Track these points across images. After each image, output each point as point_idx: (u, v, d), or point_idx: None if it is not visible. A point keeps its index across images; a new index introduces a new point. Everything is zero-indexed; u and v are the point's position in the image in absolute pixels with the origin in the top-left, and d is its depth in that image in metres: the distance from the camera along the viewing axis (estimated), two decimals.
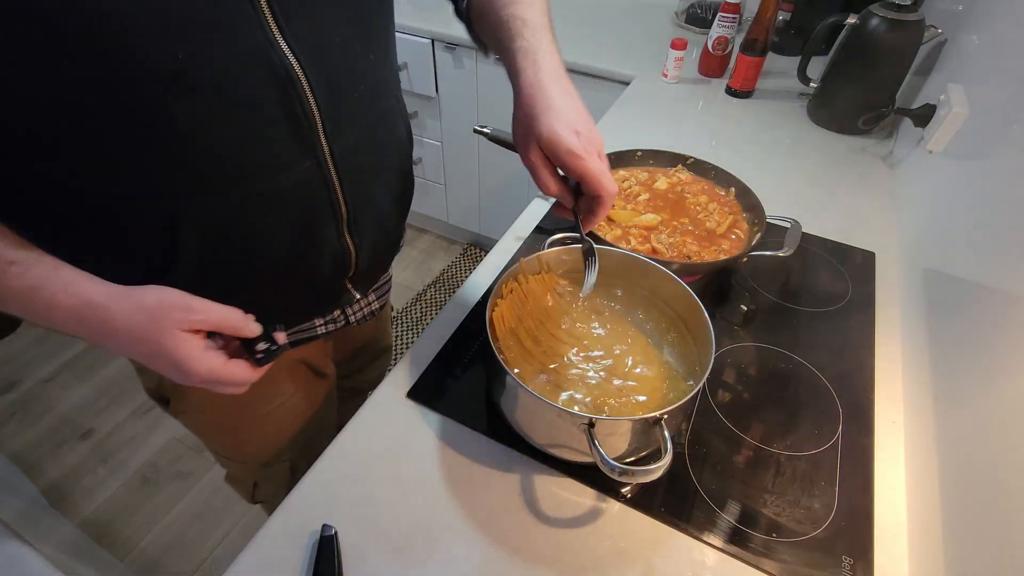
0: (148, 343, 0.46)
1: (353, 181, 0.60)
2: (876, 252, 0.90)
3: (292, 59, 0.49)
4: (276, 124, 0.51)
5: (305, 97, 0.51)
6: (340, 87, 0.55)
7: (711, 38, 1.34)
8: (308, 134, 0.53)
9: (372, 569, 0.53)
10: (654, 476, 0.48)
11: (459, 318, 0.76)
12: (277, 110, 0.50)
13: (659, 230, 0.83)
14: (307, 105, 0.52)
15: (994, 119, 0.76)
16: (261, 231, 0.55)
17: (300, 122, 0.52)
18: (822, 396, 0.70)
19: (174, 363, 0.47)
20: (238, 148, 0.50)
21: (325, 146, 0.55)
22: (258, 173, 0.52)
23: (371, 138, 0.61)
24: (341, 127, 0.56)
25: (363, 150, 0.60)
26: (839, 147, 1.16)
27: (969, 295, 0.65)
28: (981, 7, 0.96)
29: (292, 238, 0.58)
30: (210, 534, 1.48)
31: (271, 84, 0.49)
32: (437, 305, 2.07)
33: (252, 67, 0.47)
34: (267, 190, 0.53)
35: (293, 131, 0.52)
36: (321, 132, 0.54)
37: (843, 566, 0.54)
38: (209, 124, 0.47)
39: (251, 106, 0.49)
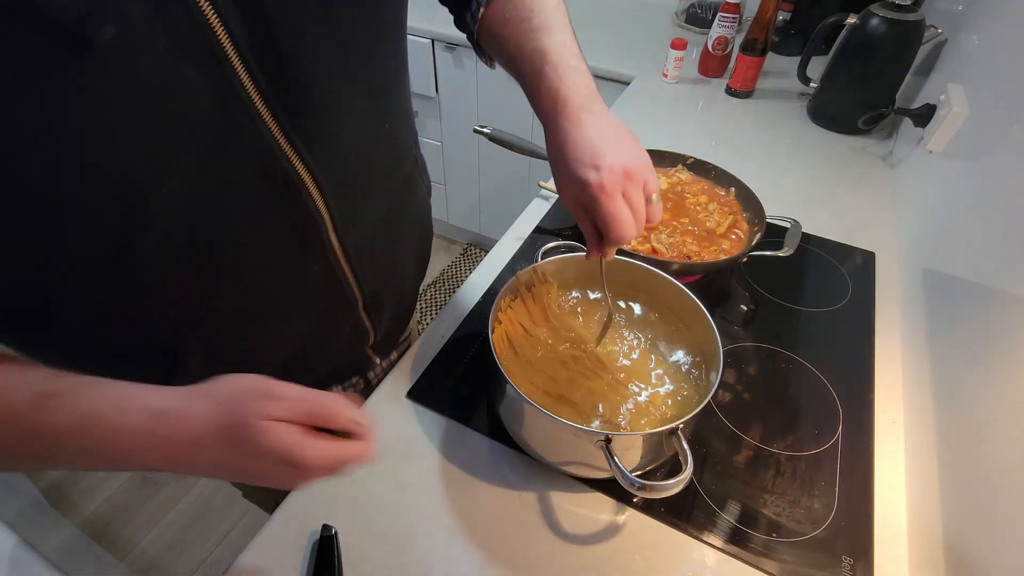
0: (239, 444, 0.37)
1: (368, 269, 0.56)
2: (876, 252, 0.90)
3: (296, 162, 0.43)
4: (278, 233, 0.46)
5: (311, 200, 0.46)
6: (355, 176, 0.50)
7: (711, 38, 1.34)
8: (315, 238, 0.49)
9: (372, 569, 0.53)
10: (675, 490, 0.47)
11: (459, 318, 0.76)
12: (278, 221, 0.46)
13: (659, 230, 0.83)
14: (313, 208, 0.47)
15: (994, 119, 0.76)
16: (270, 333, 0.53)
17: (307, 228, 0.48)
18: (822, 396, 0.70)
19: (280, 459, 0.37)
20: (238, 266, 0.46)
21: (336, 245, 0.51)
22: (262, 286, 0.49)
23: (389, 216, 0.58)
24: (355, 218, 0.51)
25: (380, 234, 0.57)
26: (839, 147, 1.16)
27: (969, 295, 0.65)
28: (981, 7, 0.96)
29: (303, 333, 0.55)
30: (210, 534, 1.48)
31: (270, 194, 0.44)
32: (437, 305, 2.07)
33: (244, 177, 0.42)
34: (274, 300, 0.50)
35: (298, 238, 0.48)
36: (332, 231, 0.50)
37: (843, 566, 0.54)
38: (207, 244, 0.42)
39: (250, 219, 0.44)
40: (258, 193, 0.43)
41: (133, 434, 0.36)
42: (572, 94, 0.50)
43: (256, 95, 0.39)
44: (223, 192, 0.41)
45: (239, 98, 0.38)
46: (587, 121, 0.49)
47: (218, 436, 0.37)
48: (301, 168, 0.44)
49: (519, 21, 0.54)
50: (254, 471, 0.38)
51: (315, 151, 0.44)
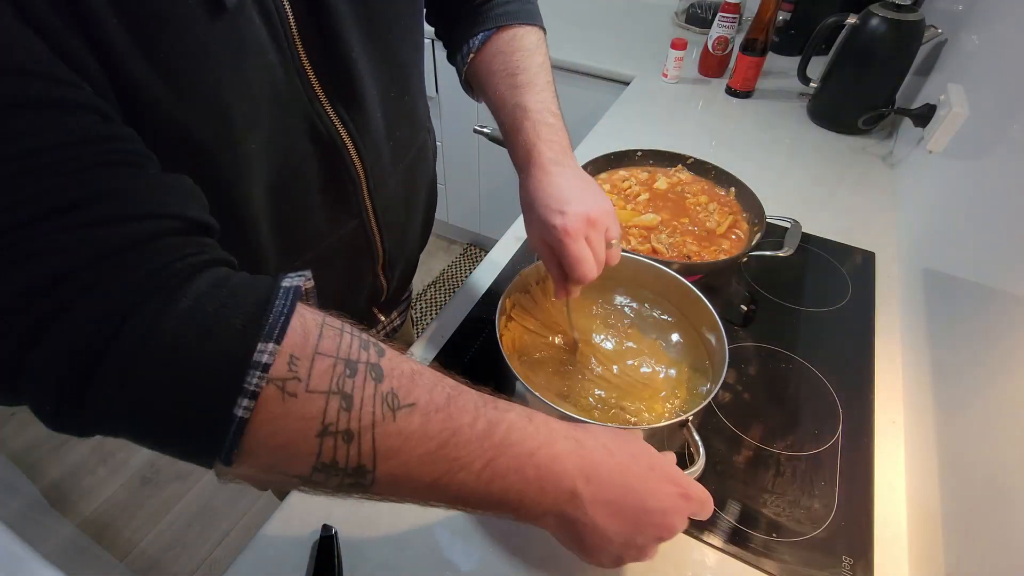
0: (638, 456, 0.40)
1: (391, 228, 0.62)
2: (876, 252, 0.90)
3: (339, 126, 0.49)
4: (323, 193, 0.52)
5: (351, 161, 0.52)
6: (383, 143, 0.55)
7: (711, 38, 1.34)
8: (354, 196, 0.55)
9: (372, 569, 0.53)
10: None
11: (459, 318, 0.76)
12: (325, 180, 0.51)
13: (659, 230, 0.83)
14: (353, 170, 0.52)
15: (994, 119, 0.76)
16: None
17: (346, 187, 0.53)
18: (822, 396, 0.70)
19: (666, 473, 0.41)
20: (289, 223, 0.50)
21: (368, 203, 0.57)
22: (307, 243, 0.53)
23: (407, 181, 0.63)
24: (383, 181, 0.57)
25: (400, 196, 0.62)
26: (839, 147, 1.16)
27: (969, 295, 0.65)
28: (981, 7, 0.96)
29: (335, 291, 0.59)
30: (210, 534, 1.48)
31: (318, 156, 0.49)
32: (437, 305, 2.07)
33: (300, 141, 0.47)
34: (315, 257, 0.54)
35: (340, 197, 0.53)
36: (365, 191, 0.55)
37: (843, 566, 0.54)
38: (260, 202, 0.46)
39: (299, 179, 0.49)
40: (312, 153, 0.48)
41: (565, 438, 0.37)
42: (545, 149, 0.56)
43: (308, 64, 0.45)
44: (288, 153, 0.46)
45: (297, 66, 0.44)
46: (557, 172, 0.55)
47: (622, 449, 0.39)
48: (343, 132, 0.50)
49: (505, 75, 0.59)
50: (649, 489, 0.39)
51: (355, 118, 0.50)
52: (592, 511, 0.37)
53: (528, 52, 0.60)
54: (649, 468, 0.40)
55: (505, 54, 0.60)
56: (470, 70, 0.63)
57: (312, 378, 0.29)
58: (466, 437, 0.33)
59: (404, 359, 0.34)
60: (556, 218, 0.51)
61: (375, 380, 0.31)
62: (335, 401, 0.30)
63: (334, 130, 0.49)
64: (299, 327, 0.30)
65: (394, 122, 0.56)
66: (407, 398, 0.32)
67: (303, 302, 0.32)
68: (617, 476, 0.38)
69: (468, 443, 0.33)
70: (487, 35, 0.61)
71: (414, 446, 0.32)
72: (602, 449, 0.38)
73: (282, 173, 0.47)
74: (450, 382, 0.36)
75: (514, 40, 0.61)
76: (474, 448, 0.33)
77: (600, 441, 0.39)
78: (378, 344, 0.34)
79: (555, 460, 0.36)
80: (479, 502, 0.35)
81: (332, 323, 0.32)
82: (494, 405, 0.36)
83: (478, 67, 0.62)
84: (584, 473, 0.37)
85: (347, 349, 0.31)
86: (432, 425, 0.32)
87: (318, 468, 0.30)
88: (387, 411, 0.31)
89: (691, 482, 0.42)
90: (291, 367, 0.29)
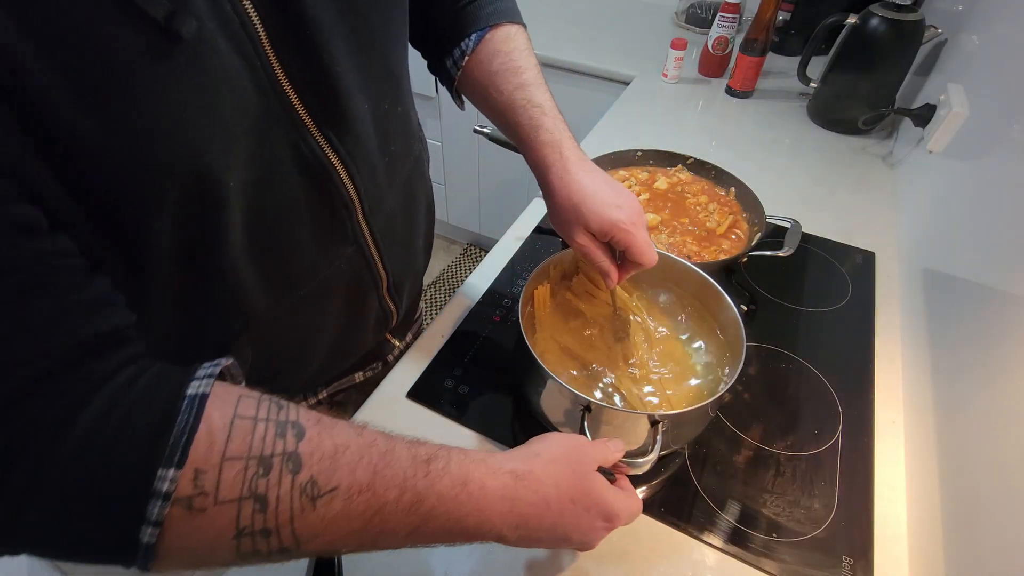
0: (577, 500, 0.40)
1: (391, 248, 0.58)
2: (876, 252, 0.90)
3: (328, 150, 0.45)
4: (316, 223, 0.48)
5: (343, 185, 0.48)
6: (377, 161, 0.51)
7: (711, 38, 1.34)
8: (348, 222, 0.51)
9: (372, 569, 0.53)
10: (635, 471, 0.48)
11: (459, 318, 0.76)
12: (316, 209, 0.47)
13: (659, 230, 0.83)
14: (346, 194, 0.48)
15: (994, 119, 0.76)
16: (309, 325, 0.54)
17: (340, 214, 0.49)
18: (822, 396, 0.70)
19: (602, 511, 0.41)
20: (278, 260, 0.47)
21: (365, 227, 0.53)
22: (301, 278, 0.50)
23: (405, 197, 0.60)
24: (379, 202, 0.53)
25: (399, 214, 0.59)
26: (839, 147, 1.16)
27: (969, 295, 0.65)
28: (981, 7, 0.96)
29: (338, 320, 0.57)
30: None
31: (307, 184, 0.45)
32: (437, 305, 2.07)
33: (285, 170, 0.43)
34: (313, 291, 0.51)
35: (334, 225, 0.50)
36: (360, 216, 0.51)
37: (843, 566, 0.54)
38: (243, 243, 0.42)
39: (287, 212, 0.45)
40: (299, 182, 0.44)
41: (501, 499, 0.37)
42: (572, 146, 0.57)
43: (288, 85, 0.40)
44: (272, 181, 0.42)
45: (275, 89, 0.39)
46: (591, 170, 0.56)
47: (563, 494, 0.39)
48: (332, 155, 0.45)
49: (509, 74, 0.58)
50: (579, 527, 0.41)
51: (344, 139, 0.46)
52: (516, 543, 0.40)
53: (525, 51, 0.60)
54: (585, 510, 0.41)
55: (504, 53, 0.58)
56: (465, 74, 0.60)
57: (221, 488, 0.29)
58: (391, 511, 0.33)
59: (328, 434, 0.33)
60: (616, 212, 0.53)
61: (292, 472, 0.30)
62: (248, 505, 0.29)
63: (322, 154, 0.45)
64: (205, 436, 0.29)
65: (389, 137, 0.53)
66: (328, 484, 0.31)
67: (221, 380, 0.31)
68: (547, 523, 0.39)
69: (393, 516, 0.33)
70: (481, 35, 0.58)
71: (337, 528, 0.32)
72: (539, 504, 0.39)
73: (266, 208, 0.43)
74: (379, 449, 0.34)
75: (509, 39, 0.59)
76: (400, 520, 0.34)
77: (541, 494, 0.39)
78: (298, 424, 0.32)
79: (483, 523, 0.37)
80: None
81: (245, 413, 0.31)
82: (425, 473, 0.35)
83: (475, 69, 0.59)
84: (513, 525, 0.38)
85: (260, 444, 0.30)
86: (355, 506, 0.32)
87: (241, 557, 0.30)
88: (306, 502, 0.31)
89: (622, 506, 0.43)
90: (196, 483, 0.28)
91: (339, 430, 0.33)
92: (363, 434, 0.34)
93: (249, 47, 0.36)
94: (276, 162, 0.42)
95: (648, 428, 0.51)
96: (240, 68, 0.36)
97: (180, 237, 0.37)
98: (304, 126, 0.42)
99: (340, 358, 0.63)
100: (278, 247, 0.46)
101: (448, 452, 0.37)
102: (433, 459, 0.36)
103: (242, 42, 0.36)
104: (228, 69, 0.35)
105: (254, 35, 0.36)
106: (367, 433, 0.35)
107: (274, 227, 0.45)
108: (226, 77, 0.35)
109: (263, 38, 0.37)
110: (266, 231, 0.44)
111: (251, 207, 0.41)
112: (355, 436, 0.34)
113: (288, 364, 0.56)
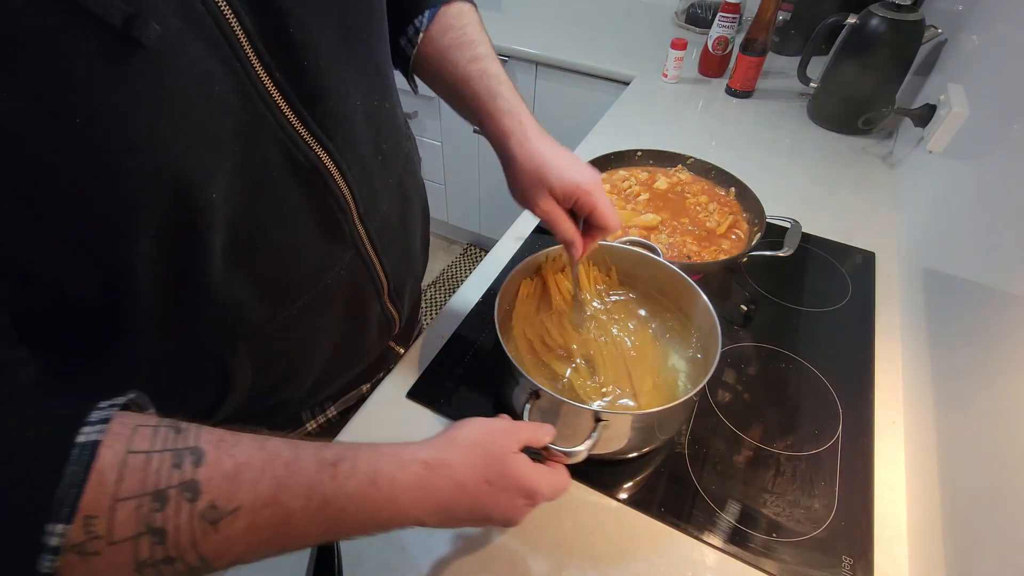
0: (494, 481, 0.41)
1: (389, 252, 0.57)
2: (876, 252, 0.90)
3: (319, 150, 0.43)
4: (311, 229, 0.46)
5: (337, 188, 0.46)
6: (371, 160, 0.50)
7: (711, 38, 1.34)
8: (344, 226, 0.49)
9: (372, 569, 0.53)
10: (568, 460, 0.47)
11: (459, 318, 0.76)
12: (311, 214, 0.46)
13: (659, 230, 0.83)
14: (341, 196, 0.47)
15: (994, 119, 0.76)
16: (311, 334, 0.53)
17: (336, 217, 0.48)
18: (822, 396, 0.70)
19: (522, 489, 0.42)
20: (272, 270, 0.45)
21: (362, 230, 0.51)
22: (299, 287, 0.48)
23: (400, 197, 0.59)
24: (375, 203, 0.52)
25: (395, 216, 0.58)
26: (839, 147, 1.16)
27: (969, 295, 0.65)
28: (981, 7, 0.96)
29: (340, 328, 0.56)
30: None
31: (300, 188, 0.44)
32: (437, 305, 2.07)
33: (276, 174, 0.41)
34: (312, 298, 0.50)
35: (331, 229, 0.48)
36: (356, 218, 0.50)
37: (843, 566, 0.54)
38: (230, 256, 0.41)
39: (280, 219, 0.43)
40: (291, 185, 0.43)
41: (412, 489, 0.37)
42: (530, 117, 0.57)
43: (271, 84, 0.39)
44: (263, 185, 0.41)
45: (258, 89, 0.38)
46: (551, 140, 0.57)
47: (479, 477, 0.40)
48: (324, 155, 0.44)
49: (463, 47, 0.58)
50: (498, 507, 0.41)
51: (334, 138, 0.44)
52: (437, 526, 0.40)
53: (477, 26, 0.60)
54: (503, 490, 0.41)
55: (457, 28, 0.59)
56: (419, 52, 0.60)
57: (115, 530, 0.28)
58: (299, 519, 0.33)
59: (228, 453, 0.32)
60: (580, 176, 0.54)
61: (190, 502, 0.30)
62: (145, 540, 0.29)
63: (313, 155, 0.43)
64: (95, 482, 0.28)
65: (382, 134, 0.52)
66: (229, 504, 0.31)
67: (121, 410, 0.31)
68: (465, 506, 0.40)
69: (303, 522, 0.33)
70: (434, 11, 0.59)
71: (243, 543, 0.32)
72: (454, 488, 0.39)
73: (258, 214, 0.41)
74: (283, 460, 0.34)
75: (461, 15, 0.60)
76: (310, 525, 0.34)
77: (455, 479, 0.39)
78: (197, 449, 0.31)
79: (398, 515, 0.37)
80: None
81: (139, 447, 0.30)
82: (332, 476, 0.35)
83: (428, 46, 0.59)
84: (430, 511, 0.38)
85: (155, 478, 0.30)
86: (260, 520, 0.32)
87: None
88: (207, 526, 0.30)
89: (544, 483, 0.43)
90: (88, 530, 0.27)
91: (241, 448, 0.33)
92: (266, 446, 0.34)
93: (225, 46, 0.35)
94: (266, 165, 0.40)
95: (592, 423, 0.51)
96: (217, 69, 0.35)
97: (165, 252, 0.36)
98: (291, 126, 0.41)
99: (344, 367, 0.62)
100: (273, 254, 0.45)
101: (356, 451, 0.37)
102: (340, 461, 0.36)
103: (217, 41, 0.34)
104: (202, 71, 0.34)
105: (229, 33, 0.35)
106: (270, 445, 0.34)
107: (268, 233, 0.43)
108: (201, 80, 0.34)
109: (240, 35, 0.35)
110: (260, 238, 0.43)
111: (242, 214, 0.40)
112: (257, 450, 0.33)
113: (291, 375, 0.55)
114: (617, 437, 0.55)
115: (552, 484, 0.44)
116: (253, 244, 0.42)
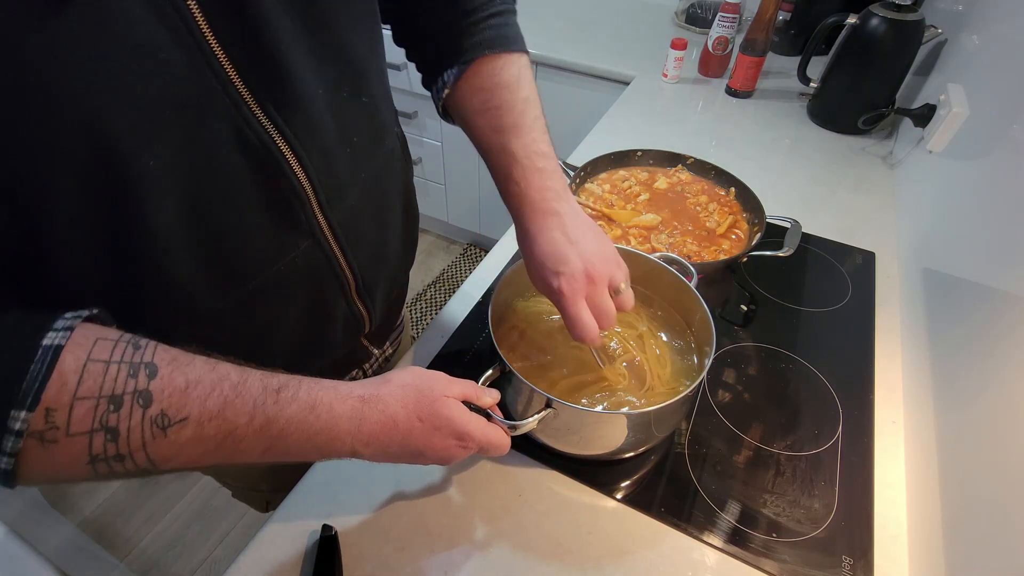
0: (425, 419, 0.44)
1: (357, 248, 0.55)
2: (876, 252, 0.90)
3: (275, 133, 0.42)
4: (263, 211, 0.45)
5: (292, 173, 0.45)
6: (336, 150, 0.49)
7: (711, 38, 1.34)
8: (300, 213, 0.48)
9: (372, 569, 0.53)
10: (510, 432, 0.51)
11: (459, 318, 0.76)
12: (263, 196, 0.44)
13: (659, 230, 0.83)
14: (296, 182, 0.46)
15: (994, 119, 0.76)
16: (263, 325, 0.52)
17: (291, 203, 0.47)
18: (822, 396, 0.70)
19: (453, 430, 0.45)
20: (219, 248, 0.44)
21: (322, 220, 0.50)
22: (249, 269, 0.47)
23: (372, 194, 0.56)
24: (339, 195, 0.51)
25: (364, 211, 0.55)
26: (839, 147, 1.16)
27: (969, 295, 0.65)
28: (981, 7, 0.96)
29: (298, 322, 0.55)
30: (210, 534, 1.48)
31: (251, 168, 0.42)
32: (437, 305, 2.07)
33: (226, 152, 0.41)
34: (263, 285, 0.49)
35: (285, 214, 0.47)
36: (316, 207, 0.49)
37: (843, 566, 0.54)
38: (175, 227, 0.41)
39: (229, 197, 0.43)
40: (241, 167, 0.42)
41: (349, 419, 0.42)
42: (538, 198, 0.54)
43: (227, 61, 0.38)
44: (209, 166, 0.40)
45: (211, 64, 0.37)
46: (551, 225, 0.53)
47: (411, 413, 0.44)
48: (279, 139, 0.43)
49: (487, 115, 0.55)
50: (430, 445, 0.45)
51: (291, 123, 0.43)
52: (372, 458, 0.44)
53: (510, 88, 0.55)
54: (435, 429, 0.45)
55: (485, 91, 0.55)
56: (448, 104, 0.58)
57: (72, 424, 0.31)
58: (242, 434, 0.37)
59: (182, 371, 0.35)
60: (553, 280, 0.51)
61: (142, 407, 0.33)
62: (99, 436, 0.32)
63: (267, 138, 0.42)
64: (57, 380, 0.31)
65: (349, 127, 0.50)
66: (178, 414, 0.34)
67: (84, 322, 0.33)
68: (397, 440, 0.44)
69: (245, 438, 0.37)
70: (462, 70, 0.55)
71: (190, 450, 0.35)
72: (387, 423, 0.43)
73: (204, 191, 0.41)
74: (232, 381, 0.37)
75: (493, 75, 0.55)
76: (251, 441, 0.38)
77: (387, 414, 0.43)
78: (151, 364, 0.34)
79: (333, 440, 0.41)
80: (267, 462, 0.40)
81: (99, 356, 0.33)
82: (275, 400, 0.38)
83: (456, 104, 0.57)
84: (364, 442, 0.42)
85: (112, 384, 0.33)
86: (206, 431, 0.35)
87: (99, 477, 0.34)
88: (157, 431, 0.34)
89: (476, 429, 0.47)
90: (48, 420, 0.31)
91: (193, 367, 0.36)
92: (217, 368, 0.37)
93: (173, 15, 0.34)
94: (216, 143, 0.40)
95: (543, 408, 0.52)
96: (162, 37, 0.34)
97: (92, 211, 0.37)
98: (245, 104, 0.40)
99: (305, 360, 0.60)
100: (221, 234, 0.44)
101: (299, 381, 0.41)
102: (284, 388, 0.39)
103: (165, 12, 0.34)
104: (144, 34, 0.33)
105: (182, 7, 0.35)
106: (220, 367, 0.37)
107: (216, 212, 0.43)
108: (140, 43, 0.33)
109: (193, 9, 0.35)
110: (207, 216, 0.42)
111: (188, 190, 0.40)
112: (208, 371, 0.37)
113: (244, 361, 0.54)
114: (614, 435, 0.55)
115: (485, 432, 0.47)
116: (201, 219, 0.42)
